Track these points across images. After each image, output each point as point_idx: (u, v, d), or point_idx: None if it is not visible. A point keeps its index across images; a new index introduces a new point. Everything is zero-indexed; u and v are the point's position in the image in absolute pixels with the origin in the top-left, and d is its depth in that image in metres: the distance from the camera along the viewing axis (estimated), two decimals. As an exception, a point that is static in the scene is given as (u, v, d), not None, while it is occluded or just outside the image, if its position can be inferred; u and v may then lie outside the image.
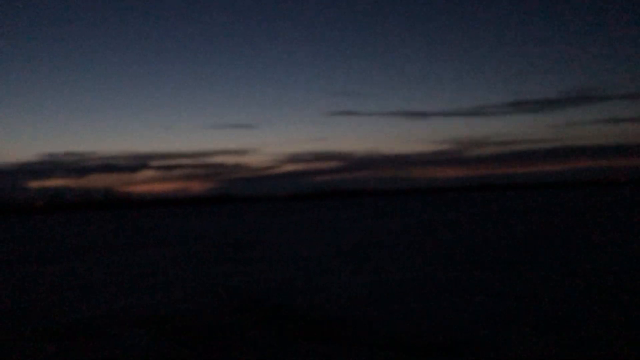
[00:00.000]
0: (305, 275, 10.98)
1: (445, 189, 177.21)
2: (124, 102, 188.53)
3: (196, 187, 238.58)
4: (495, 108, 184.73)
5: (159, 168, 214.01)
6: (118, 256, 16.74)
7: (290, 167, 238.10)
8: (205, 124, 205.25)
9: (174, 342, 6.27)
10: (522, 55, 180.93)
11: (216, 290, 9.61)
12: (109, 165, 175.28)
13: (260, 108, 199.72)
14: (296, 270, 11.69)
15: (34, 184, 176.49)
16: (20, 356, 5.99)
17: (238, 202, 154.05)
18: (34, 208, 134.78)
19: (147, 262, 14.79)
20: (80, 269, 13.74)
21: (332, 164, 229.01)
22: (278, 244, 18.58)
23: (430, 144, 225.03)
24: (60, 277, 12.33)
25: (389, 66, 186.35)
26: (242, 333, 6.54)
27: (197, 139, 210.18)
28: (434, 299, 8.05)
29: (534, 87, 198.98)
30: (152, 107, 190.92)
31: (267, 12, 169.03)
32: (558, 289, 8.32)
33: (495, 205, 48.38)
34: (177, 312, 7.88)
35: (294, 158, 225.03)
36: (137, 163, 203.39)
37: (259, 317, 7.35)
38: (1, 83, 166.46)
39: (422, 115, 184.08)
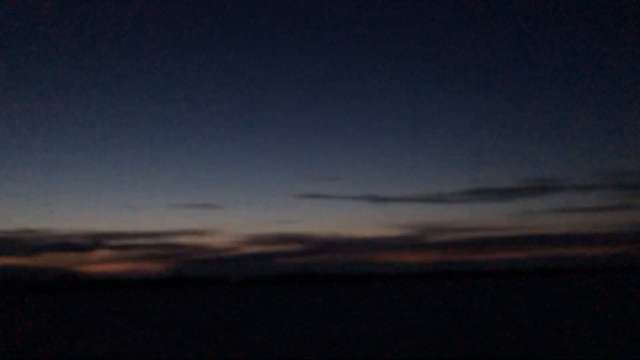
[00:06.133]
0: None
1: (406, 275, 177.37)
2: (81, 179, 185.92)
3: (151, 267, 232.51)
4: (456, 195, 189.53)
5: (115, 247, 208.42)
6: (74, 343, 16.04)
7: (251, 249, 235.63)
8: (167, 203, 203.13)
9: None
10: (482, 145, 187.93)
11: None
12: (63, 244, 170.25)
13: (227, 188, 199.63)
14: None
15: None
16: None
17: (195, 284, 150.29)
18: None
19: (107, 348, 14.21)
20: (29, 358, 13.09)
21: (295, 247, 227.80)
22: (246, 330, 18.12)
23: (393, 228, 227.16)
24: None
25: (356, 152, 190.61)
26: None
27: (158, 218, 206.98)
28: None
29: (493, 176, 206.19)
30: (112, 184, 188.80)
31: (238, 92, 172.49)
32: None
33: (456, 293, 48.49)
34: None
35: (256, 240, 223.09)
36: (91, 242, 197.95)
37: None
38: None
39: (386, 200, 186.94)
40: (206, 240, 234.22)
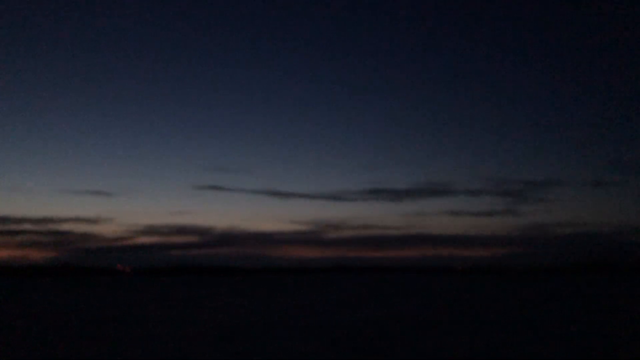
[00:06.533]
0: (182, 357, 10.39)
1: (302, 269, 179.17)
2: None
3: (37, 255, 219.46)
4: (354, 194, 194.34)
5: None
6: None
7: (145, 239, 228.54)
8: (56, 188, 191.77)
9: None
10: (381, 146, 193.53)
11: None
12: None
13: (122, 176, 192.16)
14: (173, 352, 11.03)
15: None
16: None
17: (84, 274, 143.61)
18: None
19: (-22, 340, 13.20)
20: None
21: (191, 238, 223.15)
22: (144, 322, 17.48)
23: (291, 223, 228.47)
24: None
25: (257, 145, 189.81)
26: None
27: (46, 204, 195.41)
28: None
29: (389, 177, 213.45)
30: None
31: (137, 80, 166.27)
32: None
33: (351, 288, 49.57)
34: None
35: (151, 230, 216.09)
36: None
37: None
38: None
39: (285, 195, 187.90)
40: (97, 229, 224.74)
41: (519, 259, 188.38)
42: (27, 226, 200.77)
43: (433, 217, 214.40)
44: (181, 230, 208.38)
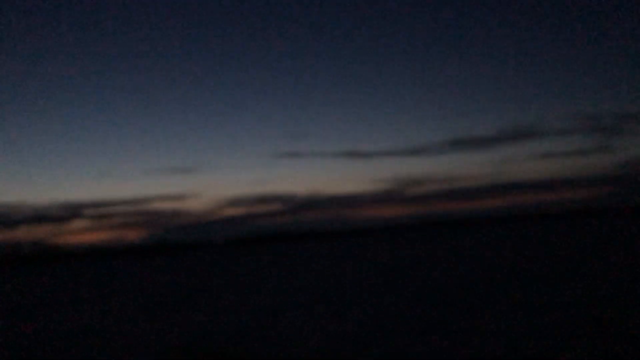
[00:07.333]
0: (266, 324, 10.57)
1: (387, 228, 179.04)
2: (54, 149, 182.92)
3: (132, 235, 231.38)
4: (434, 147, 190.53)
5: (92, 217, 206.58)
6: (55, 315, 15.75)
7: (231, 211, 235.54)
8: (141, 169, 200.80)
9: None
10: (458, 94, 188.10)
11: (173, 342, 9.08)
12: (40, 216, 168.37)
13: (200, 151, 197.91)
14: (256, 320, 11.25)
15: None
16: None
17: (177, 250, 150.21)
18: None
19: (91, 319, 13.96)
20: (12, 333, 12.81)
21: (275, 207, 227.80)
22: (232, 292, 17.99)
23: (372, 183, 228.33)
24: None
25: (331, 107, 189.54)
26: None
27: (133, 185, 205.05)
28: (404, 343, 7.83)
29: (470, 125, 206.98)
30: (85, 153, 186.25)
31: (209, 52, 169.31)
32: (529, 325, 8.27)
33: (442, 243, 49.02)
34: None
35: (235, 202, 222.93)
36: (69, 212, 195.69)
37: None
38: None
39: (363, 155, 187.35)
40: (185, 205, 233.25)
41: (617, 198, 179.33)
42: (119, 208, 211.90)
43: (522, 162, 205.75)
44: (264, 199, 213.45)
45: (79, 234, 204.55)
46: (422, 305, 11.39)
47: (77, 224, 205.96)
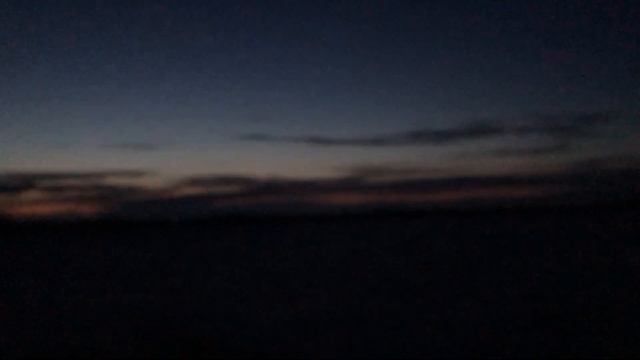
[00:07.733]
0: (223, 306, 10.60)
1: (345, 216, 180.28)
2: (9, 118, 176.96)
3: (87, 209, 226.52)
4: (395, 138, 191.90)
5: (46, 189, 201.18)
6: (3, 287, 15.45)
7: (189, 191, 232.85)
8: (99, 142, 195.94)
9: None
10: (422, 86, 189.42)
11: (126, 323, 9.04)
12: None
13: (160, 128, 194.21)
14: (213, 301, 11.28)
15: None
16: None
17: (132, 227, 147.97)
18: None
19: (43, 294, 13.74)
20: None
21: (234, 188, 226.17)
22: (185, 273, 17.92)
23: (333, 170, 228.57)
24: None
25: (297, 93, 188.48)
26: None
27: (91, 159, 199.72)
28: (357, 329, 7.99)
29: (432, 118, 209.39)
30: (41, 123, 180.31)
31: (175, 29, 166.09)
32: (487, 316, 8.54)
33: (396, 233, 49.69)
34: (81, 350, 7.30)
35: (194, 181, 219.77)
36: (21, 183, 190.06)
37: (170, 349, 6.95)
38: None
39: (325, 141, 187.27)
40: (142, 182, 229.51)
41: (571, 197, 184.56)
42: (73, 181, 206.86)
43: (479, 158, 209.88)
44: (224, 180, 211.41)
45: (33, 205, 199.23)
46: (374, 293, 11.60)
47: (30, 195, 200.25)
